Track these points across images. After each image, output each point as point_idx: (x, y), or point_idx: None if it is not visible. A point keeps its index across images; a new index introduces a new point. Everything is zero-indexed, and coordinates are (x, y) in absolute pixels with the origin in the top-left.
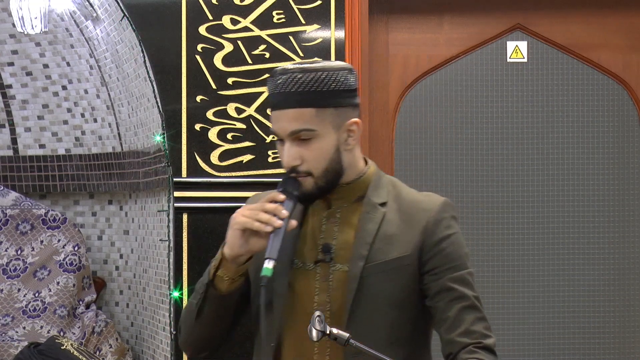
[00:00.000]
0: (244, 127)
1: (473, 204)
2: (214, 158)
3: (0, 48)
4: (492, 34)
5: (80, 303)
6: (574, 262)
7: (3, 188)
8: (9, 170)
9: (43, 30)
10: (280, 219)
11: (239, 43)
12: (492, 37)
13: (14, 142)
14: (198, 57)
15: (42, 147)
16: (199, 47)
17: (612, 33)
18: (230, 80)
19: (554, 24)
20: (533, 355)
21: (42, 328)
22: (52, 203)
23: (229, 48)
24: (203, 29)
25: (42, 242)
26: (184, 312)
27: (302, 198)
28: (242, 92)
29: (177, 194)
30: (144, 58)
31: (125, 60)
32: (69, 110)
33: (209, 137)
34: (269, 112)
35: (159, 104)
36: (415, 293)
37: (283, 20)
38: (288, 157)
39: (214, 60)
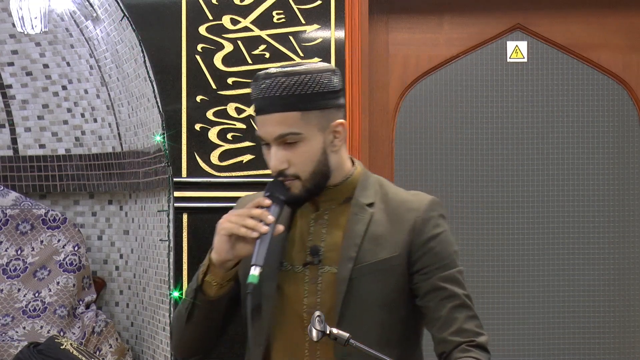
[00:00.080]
0: (244, 127)
1: (473, 204)
2: (214, 158)
3: (0, 48)
4: (492, 34)
5: (80, 303)
6: (574, 262)
7: (3, 188)
8: (9, 170)
9: (43, 30)
10: (267, 225)
11: (239, 43)
12: (492, 37)
13: (14, 142)
14: (198, 57)
15: (42, 147)
16: (199, 47)
17: (612, 33)
18: (230, 80)
19: (554, 24)
20: (533, 355)
21: (42, 328)
22: (52, 203)
23: (229, 48)
24: (203, 29)
25: (42, 242)
26: (174, 317)
27: (290, 202)
28: (242, 92)
29: (177, 194)
30: (144, 58)
31: (125, 60)
32: (69, 110)
33: (209, 137)
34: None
35: (159, 104)
36: (405, 293)
37: (283, 20)
38: (275, 161)
39: (214, 60)
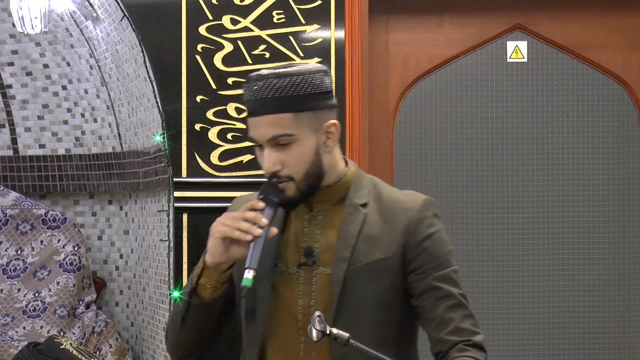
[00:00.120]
0: (244, 127)
1: (473, 204)
2: (214, 158)
3: (0, 48)
4: (492, 34)
5: (80, 303)
6: (574, 262)
7: (3, 188)
8: (9, 170)
9: (43, 30)
10: (260, 228)
11: (239, 43)
12: (492, 37)
13: (14, 142)
14: (198, 57)
15: (42, 147)
16: (199, 47)
17: (612, 33)
18: (230, 80)
19: (554, 24)
20: (533, 355)
21: (42, 328)
22: (52, 203)
23: (229, 48)
24: (203, 29)
25: (42, 242)
26: (169, 319)
27: (284, 204)
28: (242, 92)
29: (177, 194)
30: (144, 58)
31: (125, 60)
32: (69, 110)
33: (209, 137)
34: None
35: (159, 104)
36: (400, 293)
37: (283, 20)
38: (268, 162)
39: (214, 60)
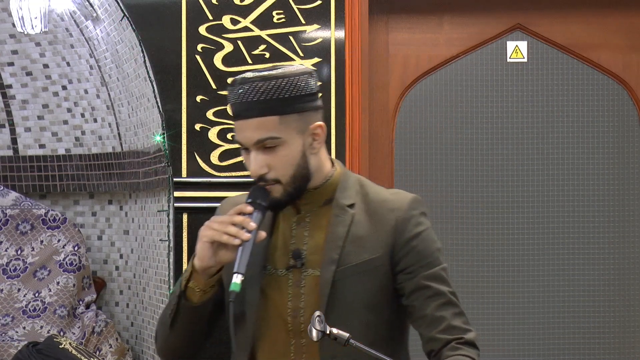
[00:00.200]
0: None
1: (473, 204)
2: (214, 158)
3: (0, 48)
4: (492, 34)
5: (80, 303)
6: (574, 262)
7: (3, 188)
8: (9, 170)
9: (43, 30)
10: (249, 232)
11: (239, 43)
12: (492, 37)
13: (14, 142)
14: (198, 57)
15: (42, 147)
16: (199, 47)
17: (612, 33)
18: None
19: (554, 24)
20: (533, 355)
21: (42, 328)
22: (52, 203)
23: (229, 48)
24: (203, 29)
25: (42, 242)
26: (159, 322)
27: (272, 206)
28: None
29: (177, 194)
30: (144, 58)
31: (125, 60)
32: (69, 110)
33: (209, 137)
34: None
35: (159, 104)
36: (390, 293)
37: (283, 20)
38: (255, 165)
39: (214, 60)
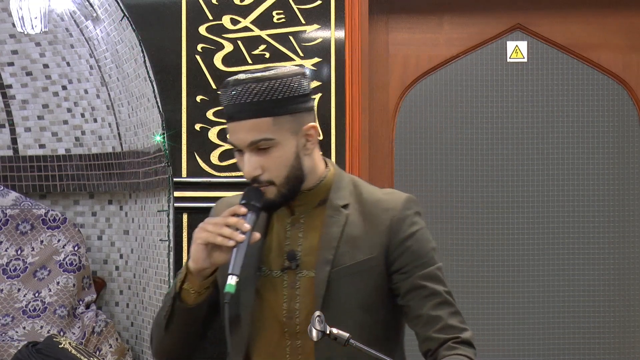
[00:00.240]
0: None
1: (473, 204)
2: (214, 158)
3: (0, 48)
4: (492, 34)
5: (80, 303)
6: (574, 262)
7: (3, 188)
8: (9, 170)
9: (43, 30)
10: (243, 233)
11: (239, 43)
12: (492, 37)
13: (14, 142)
14: (198, 57)
15: (42, 147)
16: (199, 47)
17: (612, 33)
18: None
19: (554, 24)
20: (533, 355)
21: (42, 328)
22: (52, 203)
23: (229, 48)
24: (203, 29)
25: (42, 242)
26: (154, 323)
27: (266, 207)
28: None
29: (177, 194)
30: (144, 58)
31: (125, 60)
32: (69, 110)
33: (209, 137)
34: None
35: (159, 104)
36: (385, 293)
37: (283, 20)
38: (249, 167)
39: (214, 60)
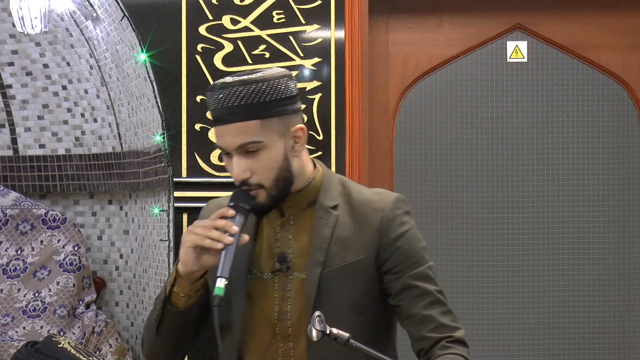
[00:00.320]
0: None
1: (473, 204)
2: (214, 158)
3: (0, 48)
4: (492, 34)
5: (80, 303)
6: (574, 262)
7: (3, 188)
8: (9, 170)
9: (43, 30)
10: (231, 235)
11: (239, 43)
12: (492, 37)
13: (14, 142)
14: (198, 57)
15: (42, 147)
16: (199, 47)
17: (611, 33)
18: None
19: (554, 24)
20: (533, 355)
21: (42, 328)
22: (52, 203)
23: (229, 48)
24: (203, 29)
25: (42, 242)
26: (145, 327)
27: (256, 211)
28: None
29: (177, 194)
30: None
31: (125, 60)
32: (69, 110)
33: (209, 137)
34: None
35: (159, 104)
36: (376, 294)
37: (283, 20)
38: (237, 170)
39: (214, 60)
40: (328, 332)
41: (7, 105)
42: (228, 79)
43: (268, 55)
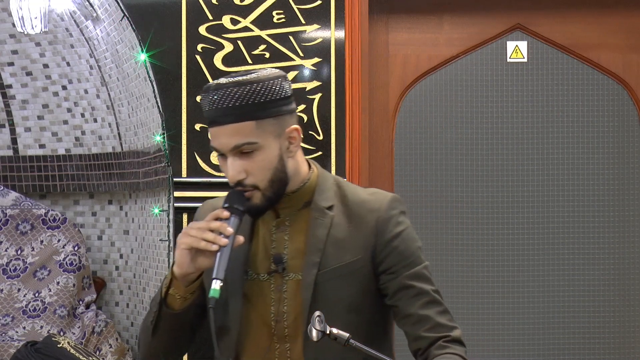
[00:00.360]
0: None
1: (473, 204)
2: (214, 158)
3: (0, 48)
4: (492, 34)
5: (80, 303)
6: (574, 262)
7: (3, 188)
8: (9, 170)
9: (43, 30)
10: (226, 237)
11: (239, 43)
12: (492, 37)
13: (14, 142)
14: (198, 57)
15: (42, 147)
16: (199, 47)
17: (611, 33)
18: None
19: (554, 24)
20: (533, 355)
21: (42, 328)
22: (52, 203)
23: (229, 48)
24: (203, 29)
25: (42, 242)
26: (141, 329)
27: (252, 212)
28: None
29: (177, 194)
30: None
31: (125, 60)
32: (69, 110)
33: (209, 137)
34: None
35: (159, 104)
36: (372, 294)
37: (283, 20)
38: (232, 171)
39: (214, 60)
40: (328, 332)
41: (7, 105)
42: (222, 80)
43: (268, 56)
